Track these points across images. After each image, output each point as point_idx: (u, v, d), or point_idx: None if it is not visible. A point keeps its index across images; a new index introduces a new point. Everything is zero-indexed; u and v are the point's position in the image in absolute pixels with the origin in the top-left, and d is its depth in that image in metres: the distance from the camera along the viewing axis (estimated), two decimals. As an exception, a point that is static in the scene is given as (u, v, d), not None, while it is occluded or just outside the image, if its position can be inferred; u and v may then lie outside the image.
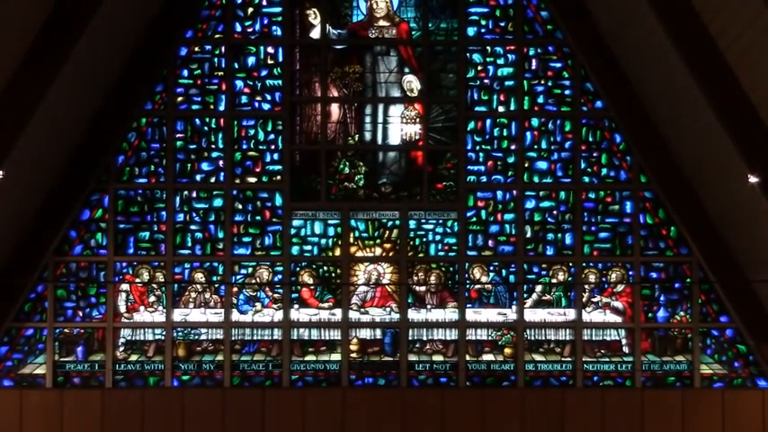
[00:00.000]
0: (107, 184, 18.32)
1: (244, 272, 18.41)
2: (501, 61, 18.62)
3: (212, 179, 18.48)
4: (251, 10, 18.60)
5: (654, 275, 18.46)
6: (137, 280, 18.29)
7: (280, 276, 18.38)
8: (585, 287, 18.45)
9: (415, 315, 18.44)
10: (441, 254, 18.50)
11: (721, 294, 18.24)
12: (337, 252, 18.48)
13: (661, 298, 18.45)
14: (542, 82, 18.61)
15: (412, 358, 18.39)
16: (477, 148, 18.56)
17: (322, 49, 18.60)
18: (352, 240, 18.49)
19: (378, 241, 18.52)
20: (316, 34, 18.62)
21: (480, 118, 18.60)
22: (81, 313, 18.30)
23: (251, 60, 18.58)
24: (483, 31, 18.63)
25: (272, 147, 18.53)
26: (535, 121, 18.60)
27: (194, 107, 18.53)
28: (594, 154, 18.57)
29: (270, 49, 18.58)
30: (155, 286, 18.37)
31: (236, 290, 18.35)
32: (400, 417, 17.86)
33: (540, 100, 18.61)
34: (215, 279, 18.32)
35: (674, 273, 18.44)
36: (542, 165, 18.58)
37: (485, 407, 17.89)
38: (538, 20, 18.56)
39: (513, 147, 18.55)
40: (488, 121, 18.62)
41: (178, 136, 18.45)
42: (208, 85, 18.54)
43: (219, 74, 18.53)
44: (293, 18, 18.61)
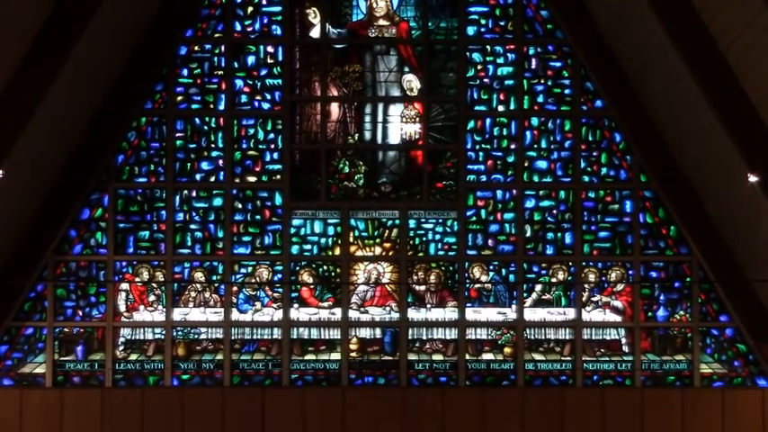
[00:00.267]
0: (107, 183, 18.32)
1: (243, 271, 18.42)
2: (501, 60, 18.62)
3: (212, 178, 18.48)
4: (251, 9, 18.60)
5: (654, 275, 18.47)
6: (136, 279, 18.30)
7: (279, 276, 18.38)
8: (585, 286, 18.46)
9: (414, 314, 18.45)
10: (440, 253, 18.50)
11: (721, 294, 18.25)
12: (337, 251, 18.49)
13: (661, 297, 18.46)
14: (542, 81, 18.61)
15: (412, 357, 18.40)
16: (477, 147, 18.56)
17: (322, 49, 18.60)
18: (351, 240, 18.49)
19: (377, 240, 18.53)
20: (315, 33, 18.62)
21: (480, 117, 18.60)
22: (81, 312, 18.30)
23: (251, 59, 18.58)
24: (483, 30, 18.63)
25: (272, 146, 18.53)
26: (535, 121, 18.60)
27: (194, 106, 18.53)
28: (594, 153, 18.57)
29: (270, 49, 18.58)
30: (154, 285, 18.37)
31: (235, 289, 18.35)
32: (400, 416, 17.86)
33: (540, 99, 18.61)
34: (215, 278, 18.32)
35: (673, 272, 18.45)
36: (542, 164, 18.58)
37: (485, 406, 17.90)
38: (538, 19, 18.56)
39: (512, 146, 18.55)
40: (488, 121, 18.62)
41: (178, 135, 18.45)
42: (208, 84, 18.54)
43: (219, 73, 18.53)
44: (293, 17, 18.60)
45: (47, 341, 18.19)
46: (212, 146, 18.51)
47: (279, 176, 18.48)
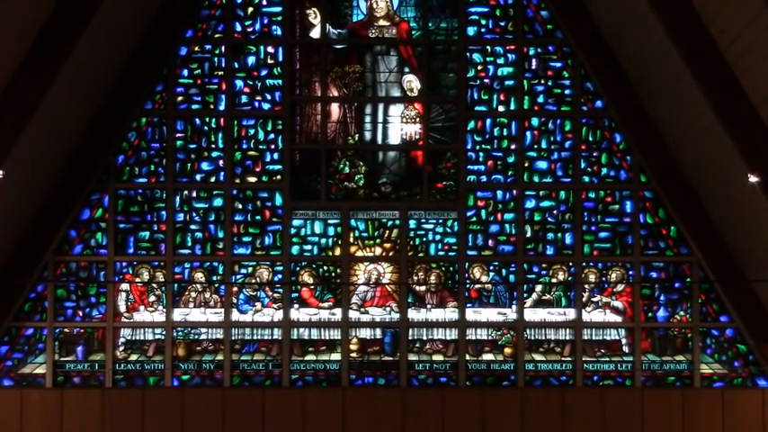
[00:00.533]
0: (107, 183, 18.32)
1: (244, 271, 18.42)
2: (501, 61, 18.62)
3: (212, 179, 18.48)
4: (251, 9, 18.60)
5: (654, 275, 18.46)
6: (137, 280, 18.30)
7: (280, 276, 18.38)
8: (585, 287, 18.45)
9: (415, 315, 18.45)
10: (441, 253, 18.50)
11: (721, 294, 18.24)
12: (337, 252, 18.49)
13: (661, 297, 18.46)
14: (542, 81, 18.61)
15: (412, 358, 18.40)
16: (477, 147, 18.56)
17: (322, 49, 18.60)
18: (352, 240, 18.49)
19: (378, 241, 18.53)
20: (316, 34, 18.62)
21: (480, 117, 18.60)
22: (81, 313, 18.30)
23: (251, 60, 18.58)
24: (483, 30, 18.63)
25: (272, 146, 18.53)
26: (535, 121, 18.60)
27: (194, 107, 18.53)
28: (594, 153, 18.57)
29: (270, 49, 18.58)
30: (155, 286, 18.37)
31: (236, 289, 18.35)
32: (400, 416, 17.86)
33: (540, 99, 18.61)
34: (215, 279, 18.32)
35: (674, 272, 18.45)
36: (542, 164, 18.58)
37: (485, 406, 17.89)
38: (538, 19, 18.56)
39: (513, 146, 18.55)
40: (488, 121, 18.62)
41: (178, 135, 18.45)
42: (208, 84, 18.54)
43: (219, 73, 18.53)
44: (293, 18, 18.61)
45: (47, 341, 18.19)
46: (212, 146, 18.51)
47: (279, 177, 18.48)
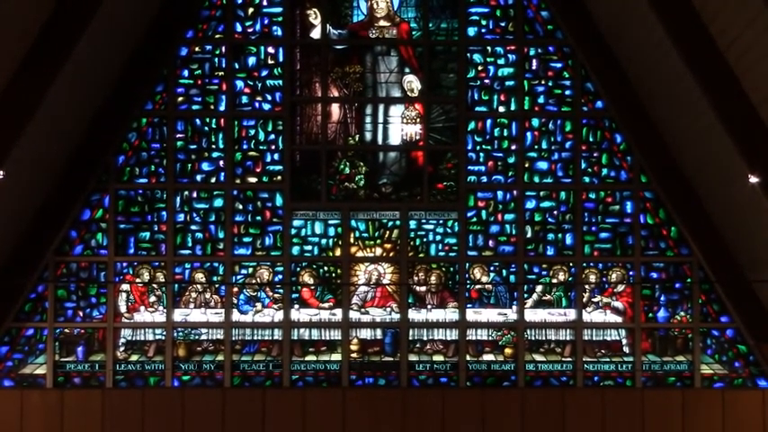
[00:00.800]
0: (107, 183, 18.33)
1: (244, 272, 18.42)
2: (501, 61, 18.62)
3: (213, 179, 18.48)
4: (251, 10, 18.61)
5: (654, 275, 18.46)
6: (137, 280, 18.30)
7: (280, 276, 18.38)
8: (586, 287, 18.45)
9: (415, 315, 18.44)
10: (441, 254, 18.50)
11: (721, 294, 18.24)
12: (338, 252, 18.49)
13: (661, 298, 18.45)
14: (543, 82, 18.61)
15: (412, 358, 18.39)
16: (478, 148, 18.56)
17: (322, 49, 18.61)
18: (352, 240, 18.49)
19: (378, 241, 18.53)
20: (316, 34, 18.63)
21: (481, 118, 18.60)
22: (81, 313, 18.31)
23: (251, 60, 18.58)
24: (483, 31, 18.63)
25: (273, 147, 18.54)
26: (535, 122, 18.60)
27: (195, 107, 18.53)
28: (595, 154, 18.57)
29: (270, 50, 18.59)
30: (155, 286, 18.37)
31: (236, 290, 18.35)
32: (400, 417, 17.86)
33: (541, 100, 18.61)
34: (215, 279, 18.32)
35: (674, 273, 18.44)
36: (543, 165, 18.58)
37: (485, 407, 17.89)
38: (538, 20, 18.56)
39: (513, 147, 18.55)
40: (489, 122, 18.62)
41: (178, 136, 18.46)
42: (208, 85, 18.54)
43: (220, 74, 18.54)
44: (294, 18, 18.61)
45: (47, 342, 18.20)
46: (213, 147, 18.51)
47: (279, 177, 18.49)
